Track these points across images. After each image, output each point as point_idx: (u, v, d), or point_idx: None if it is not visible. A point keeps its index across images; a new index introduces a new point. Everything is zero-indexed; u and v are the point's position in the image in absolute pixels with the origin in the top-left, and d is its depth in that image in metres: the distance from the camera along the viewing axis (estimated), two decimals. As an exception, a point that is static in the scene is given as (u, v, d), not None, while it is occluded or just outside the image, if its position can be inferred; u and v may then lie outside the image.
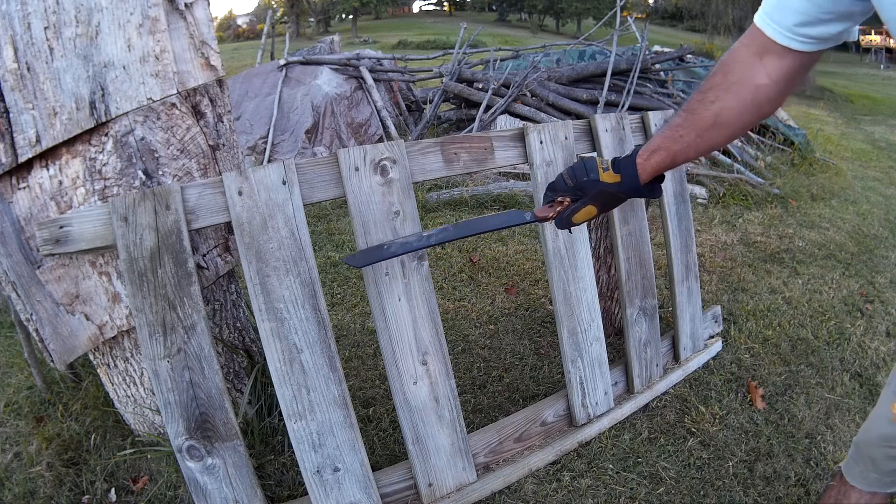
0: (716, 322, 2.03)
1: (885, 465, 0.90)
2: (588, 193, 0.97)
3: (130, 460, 1.45)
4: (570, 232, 1.05)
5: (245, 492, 1.14)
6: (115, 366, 1.38)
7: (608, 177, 0.95)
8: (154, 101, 1.21)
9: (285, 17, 29.81)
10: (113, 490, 1.39)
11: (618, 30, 5.26)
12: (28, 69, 1.07)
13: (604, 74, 4.68)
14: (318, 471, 1.17)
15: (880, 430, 0.88)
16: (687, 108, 0.86)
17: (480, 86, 4.93)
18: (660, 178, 0.97)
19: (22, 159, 1.11)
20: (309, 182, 1.16)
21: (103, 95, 1.14)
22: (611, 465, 1.46)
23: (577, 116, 4.51)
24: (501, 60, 6.00)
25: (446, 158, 1.32)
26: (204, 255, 1.37)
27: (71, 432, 1.53)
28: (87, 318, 1.24)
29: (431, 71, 5.53)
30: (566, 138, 1.48)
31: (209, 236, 1.38)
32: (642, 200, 1.67)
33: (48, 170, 1.16)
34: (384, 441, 1.57)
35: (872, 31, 23.41)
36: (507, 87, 4.76)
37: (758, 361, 1.92)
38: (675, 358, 1.84)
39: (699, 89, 0.85)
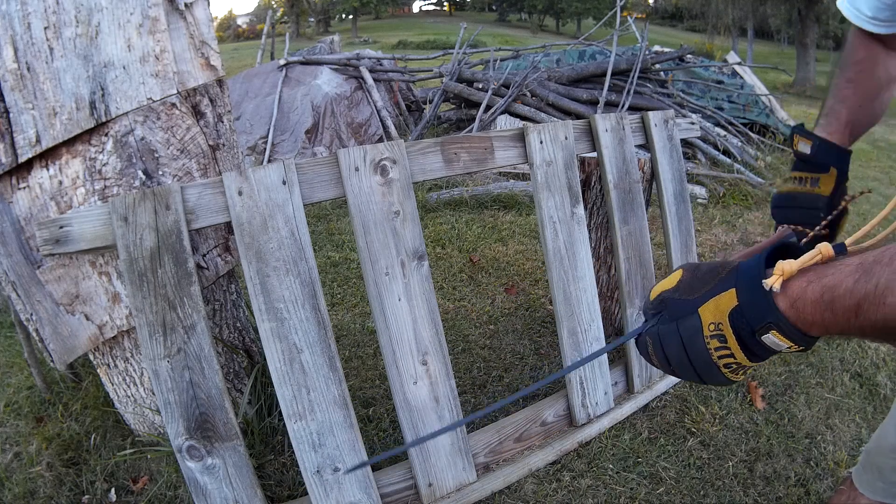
0: (716, 322, 2.03)
1: (891, 476, 0.89)
2: None
3: (130, 460, 1.45)
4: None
5: (245, 492, 1.14)
6: (115, 366, 1.38)
7: None
8: (154, 101, 1.21)
9: (285, 17, 29.82)
10: (113, 490, 1.39)
11: (618, 30, 5.25)
12: (28, 69, 1.07)
13: (604, 74, 4.68)
14: (318, 471, 1.17)
15: (890, 440, 0.88)
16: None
17: (480, 86, 4.93)
18: None
19: (22, 159, 1.11)
20: (309, 182, 1.16)
21: (103, 95, 1.14)
22: (611, 465, 1.46)
23: (577, 116, 4.51)
24: (501, 60, 6.00)
25: (446, 158, 1.32)
26: (204, 255, 1.37)
27: (71, 432, 1.53)
28: (87, 318, 1.24)
29: (431, 71, 5.53)
30: (566, 138, 1.48)
31: (209, 236, 1.38)
32: (643, 201, 1.67)
33: (48, 170, 1.16)
34: (384, 441, 1.57)
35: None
36: (507, 87, 4.75)
37: (758, 361, 1.91)
38: (675, 358, 1.84)
39: None
